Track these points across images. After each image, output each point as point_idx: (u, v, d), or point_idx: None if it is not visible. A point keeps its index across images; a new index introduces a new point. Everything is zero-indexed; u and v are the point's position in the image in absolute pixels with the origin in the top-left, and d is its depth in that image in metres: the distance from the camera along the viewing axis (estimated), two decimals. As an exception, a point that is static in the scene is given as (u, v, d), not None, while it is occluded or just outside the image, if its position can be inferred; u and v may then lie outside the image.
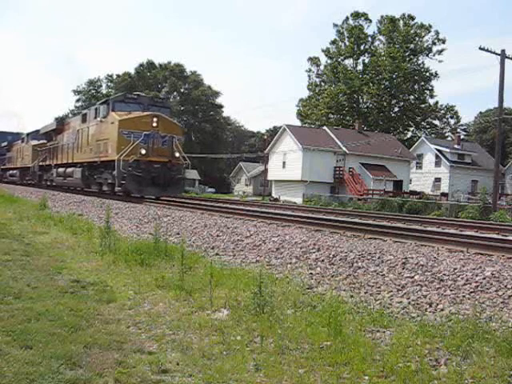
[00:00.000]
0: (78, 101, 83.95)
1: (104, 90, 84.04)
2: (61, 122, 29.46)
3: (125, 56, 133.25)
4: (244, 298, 5.23)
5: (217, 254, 8.15)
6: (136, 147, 17.95)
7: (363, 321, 4.67)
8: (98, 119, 20.67)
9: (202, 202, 20.42)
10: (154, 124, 18.46)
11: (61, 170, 26.84)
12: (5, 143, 46.69)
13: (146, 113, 19.05)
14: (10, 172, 43.80)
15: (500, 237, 9.96)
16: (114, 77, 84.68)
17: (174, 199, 19.37)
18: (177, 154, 18.81)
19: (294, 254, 7.44)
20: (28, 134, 37.57)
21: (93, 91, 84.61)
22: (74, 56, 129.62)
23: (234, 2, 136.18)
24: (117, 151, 18.17)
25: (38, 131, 36.86)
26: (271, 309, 4.77)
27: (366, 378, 3.46)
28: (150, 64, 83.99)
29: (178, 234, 9.95)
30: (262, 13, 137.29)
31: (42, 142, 33.62)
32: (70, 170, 24.82)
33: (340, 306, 4.73)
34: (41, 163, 32.44)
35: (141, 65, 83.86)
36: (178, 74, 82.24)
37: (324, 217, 14.47)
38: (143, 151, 17.98)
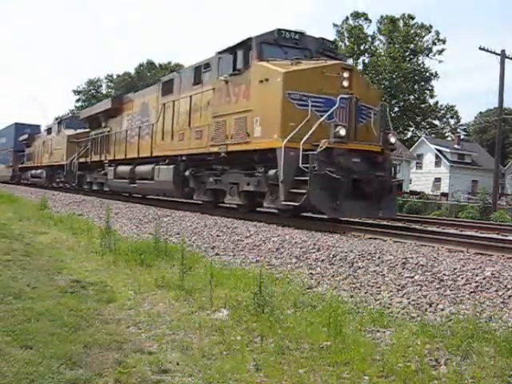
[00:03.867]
0: (77, 101, 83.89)
1: (104, 90, 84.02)
2: (118, 100, 20.30)
3: (125, 56, 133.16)
4: (244, 297, 5.23)
5: (217, 254, 8.15)
6: (324, 125, 9.67)
7: (363, 321, 4.67)
8: (214, 78, 12.24)
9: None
10: (345, 83, 10.16)
11: (123, 168, 18.08)
12: (24, 136, 37.35)
13: (330, 62, 10.66)
14: (32, 172, 34.08)
15: (500, 237, 9.96)
16: (114, 77, 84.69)
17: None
18: (392, 139, 10.60)
19: (294, 253, 7.44)
20: (60, 122, 28.92)
21: (93, 91, 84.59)
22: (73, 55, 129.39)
23: (235, 2, 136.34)
24: (280, 131, 9.80)
25: (74, 117, 29.44)
26: (271, 309, 4.77)
27: (366, 378, 3.46)
28: (150, 64, 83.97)
29: (178, 234, 9.94)
30: (262, 12, 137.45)
31: (81, 130, 25.54)
32: (144, 168, 16.14)
33: (340, 306, 4.73)
34: (82, 159, 23.33)
35: (141, 65, 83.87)
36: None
37: (324, 216, 14.44)
38: (342, 132, 9.53)
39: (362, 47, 66.87)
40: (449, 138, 65.81)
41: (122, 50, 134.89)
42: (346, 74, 10.25)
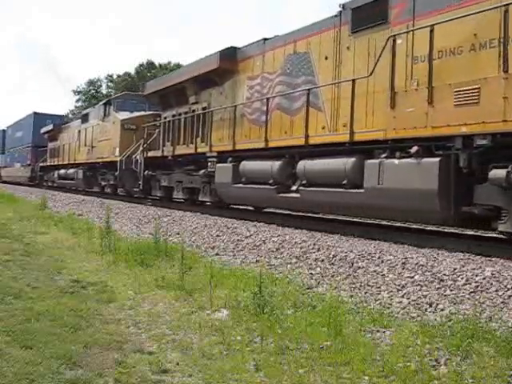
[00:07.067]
0: (77, 101, 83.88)
1: (104, 90, 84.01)
2: (229, 57, 12.33)
3: (125, 56, 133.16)
4: (244, 298, 5.24)
5: (217, 254, 8.15)
6: None
7: (363, 321, 4.67)
8: None
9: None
10: None
11: (258, 165, 10.98)
12: (47, 128, 30.29)
13: None
14: (61, 172, 26.89)
15: (500, 237, 9.95)
16: (114, 77, 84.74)
17: None
18: None
19: (294, 253, 7.44)
20: (107, 103, 20.80)
21: (93, 91, 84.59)
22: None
23: (235, 2, 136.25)
24: None
25: (128, 94, 22.37)
26: (271, 309, 4.77)
27: (366, 378, 3.46)
28: (150, 64, 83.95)
29: (178, 234, 9.96)
30: (263, 11, 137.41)
31: (140, 113, 18.85)
32: (330, 164, 8.84)
33: (340, 306, 4.73)
34: (151, 154, 16.19)
35: (141, 65, 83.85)
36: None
37: (324, 216, 14.46)
38: None
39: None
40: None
41: (122, 50, 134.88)
42: None
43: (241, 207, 13.48)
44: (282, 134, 10.46)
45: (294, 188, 9.87)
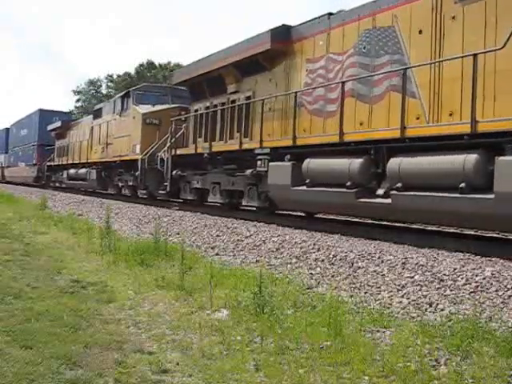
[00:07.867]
0: (77, 101, 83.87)
1: (104, 90, 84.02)
2: (282, 34, 10.55)
3: (125, 56, 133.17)
4: (244, 298, 5.24)
5: (217, 254, 8.15)
6: None
7: (363, 321, 4.67)
8: None
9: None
10: None
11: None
12: (55, 125, 28.66)
13: None
14: (71, 171, 25.12)
15: (500, 237, 9.96)
16: (115, 77, 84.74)
17: None
18: None
19: (294, 253, 7.45)
20: (126, 95, 18.42)
21: (93, 91, 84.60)
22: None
23: (234, 2, 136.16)
24: None
25: (148, 86, 19.95)
26: (271, 309, 4.77)
27: (366, 378, 3.46)
28: (150, 64, 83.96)
29: (178, 234, 9.95)
30: (264, 10, 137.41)
31: (164, 106, 16.79)
32: None
33: (340, 306, 4.73)
34: (180, 151, 14.28)
35: (141, 65, 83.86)
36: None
37: (324, 216, 14.47)
38: None
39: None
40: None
41: (122, 50, 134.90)
42: None
43: (242, 208, 13.08)
44: (357, 126, 8.63)
45: (380, 192, 7.92)
